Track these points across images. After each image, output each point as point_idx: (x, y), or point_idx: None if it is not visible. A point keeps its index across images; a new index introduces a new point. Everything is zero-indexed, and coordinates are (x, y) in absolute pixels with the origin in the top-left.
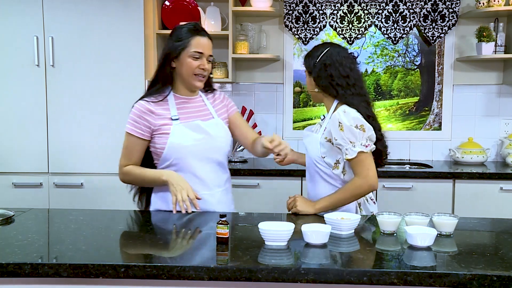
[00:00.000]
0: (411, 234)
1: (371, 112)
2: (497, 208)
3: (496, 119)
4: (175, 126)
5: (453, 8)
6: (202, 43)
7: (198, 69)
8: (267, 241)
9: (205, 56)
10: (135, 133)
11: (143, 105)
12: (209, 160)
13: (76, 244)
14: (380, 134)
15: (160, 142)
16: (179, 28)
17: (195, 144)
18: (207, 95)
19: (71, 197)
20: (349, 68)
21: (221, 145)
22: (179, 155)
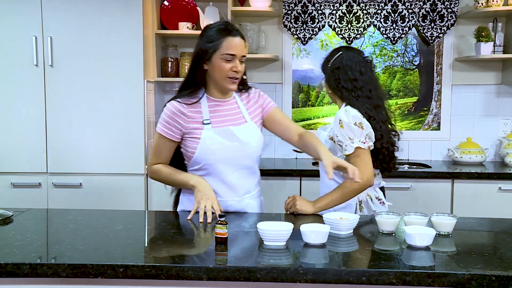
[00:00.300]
0: (409, 234)
1: (373, 113)
2: (496, 208)
3: (495, 119)
4: (206, 131)
5: (452, 8)
6: (234, 44)
7: (231, 71)
8: (266, 241)
9: (237, 58)
10: (166, 134)
11: (175, 106)
12: (239, 167)
13: (74, 244)
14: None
15: (190, 145)
16: (210, 28)
17: (225, 151)
18: (242, 95)
19: (70, 197)
20: (358, 72)
21: (252, 151)
22: (209, 161)
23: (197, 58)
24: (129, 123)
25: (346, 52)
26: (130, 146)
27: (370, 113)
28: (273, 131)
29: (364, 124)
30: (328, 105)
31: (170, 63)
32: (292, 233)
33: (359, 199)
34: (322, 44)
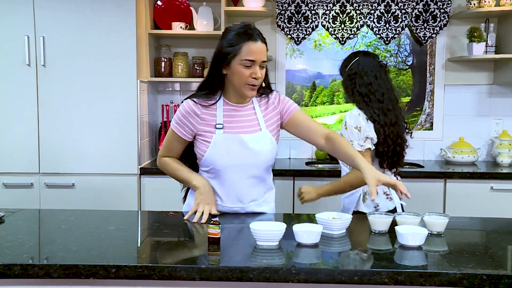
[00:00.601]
0: (402, 234)
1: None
2: (488, 208)
3: (487, 119)
4: (218, 136)
5: (444, 8)
6: (254, 49)
7: (250, 78)
8: (259, 241)
9: (257, 64)
10: (177, 132)
11: (190, 106)
12: (247, 175)
13: (67, 244)
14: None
15: (201, 147)
16: (229, 31)
17: (234, 158)
18: (261, 100)
19: (63, 197)
20: (373, 77)
21: (262, 161)
22: (216, 166)
23: (216, 62)
24: (122, 123)
25: (363, 58)
26: (123, 146)
27: (375, 117)
28: (296, 134)
29: (362, 128)
30: (321, 105)
31: (163, 63)
32: (285, 233)
33: (364, 190)
34: (315, 44)
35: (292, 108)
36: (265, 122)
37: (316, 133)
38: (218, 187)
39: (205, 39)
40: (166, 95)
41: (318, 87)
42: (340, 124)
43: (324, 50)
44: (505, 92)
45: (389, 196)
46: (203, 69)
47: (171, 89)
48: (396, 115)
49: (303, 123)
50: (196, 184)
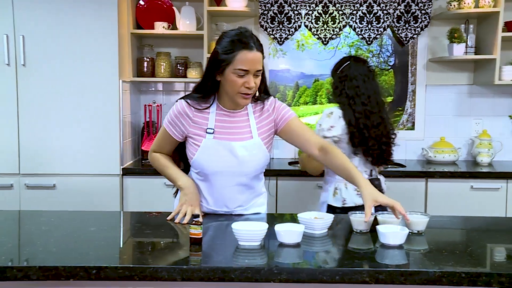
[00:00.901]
0: (383, 233)
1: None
2: (468, 206)
3: (467, 119)
4: (207, 140)
5: (425, 9)
6: (249, 58)
7: (243, 87)
8: (241, 241)
9: (251, 73)
10: (169, 130)
11: (183, 107)
12: (234, 182)
13: (46, 246)
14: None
15: (190, 149)
16: (225, 37)
17: (221, 164)
18: (256, 106)
19: (43, 198)
20: (362, 81)
21: (251, 170)
22: (204, 170)
23: (211, 68)
24: (104, 123)
25: (354, 62)
26: (105, 146)
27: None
28: (290, 142)
29: (323, 126)
30: (304, 105)
31: (146, 63)
32: (267, 233)
33: (335, 186)
34: (298, 44)
35: (288, 116)
36: (257, 129)
37: (311, 142)
38: (205, 190)
39: (188, 39)
40: (148, 95)
41: (301, 87)
42: None
43: (307, 50)
44: (484, 92)
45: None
46: (186, 69)
47: (153, 89)
48: (382, 117)
49: (297, 131)
50: (181, 185)
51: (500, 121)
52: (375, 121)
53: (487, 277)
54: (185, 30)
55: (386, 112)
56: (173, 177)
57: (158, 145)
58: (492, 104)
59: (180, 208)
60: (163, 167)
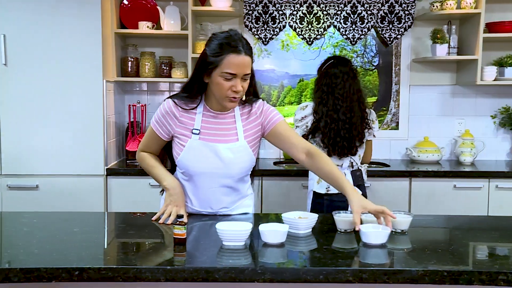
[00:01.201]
0: (365, 233)
1: (327, 114)
2: (451, 205)
3: (450, 119)
4: (193, 141)
5: (409, 10)
6: (236, 62)
7: (230, 91)
8: (225, 241)
9: (238, 77)
10: (155, 130)
11: (170, 107)
12: (219, 184)
13: (28, 247)
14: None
15: (176, 149)
16: (214, 39)
17: (206, 166)
18: (244, 109)
19: (26, 199)
20: (340, 78)
21: (236, 172)
22: (189, 171)
23: (198, 69)
24: (87, 123)
25: (337, 61)
26: (89, 146)
27: (321, 113)
28: (277, 146)
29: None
30: (289, 105)
31: (130, 63)
32: (252, 233)
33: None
34: (283, 45)
35: (275, 119)
36: (244, 132)
37: (297, 147)
38: (190, 191)
39: (172, 38)
40: (133, 95)
41: (286, 87)
42: None
43: (291, 50)
44: (467, 93)
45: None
46: (170, 69)
47: (138, 89)
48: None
49: (283, 135)
50: (166, 185)
51: (482, 121)
52: (341, 116)
53: (468, 275)
54: (170, 30)
55: (361, 110)
56: (159, 177)
57: (146, 145)
58: (474, 104)
59: (165, 209)
60: (149, 167)
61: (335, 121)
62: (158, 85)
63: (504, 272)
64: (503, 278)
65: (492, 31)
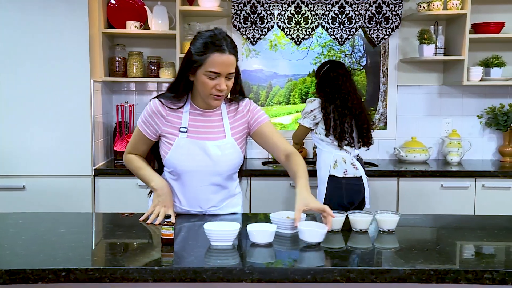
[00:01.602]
0: (301, 230)
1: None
2: (438, 205)
3: (438, 119)
4: (180, 139)
5: (396, 11)
6: (220, 61)
7: (214, 89)
8: (213, 241)
9: (223, 76)
10: (142, 130)
11: (157, 107)
12: (207, 182)
13: (14, 249)
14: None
15: (164, 148)
16: (199, 37)
17: (194, 164)
18: (230, 106)
19: (12, 200)
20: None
21: (224, 169)
22: (177, 169)
23: (184, 68)
24: (75, 124)
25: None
26: (77, 147)
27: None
28: (261, 145)
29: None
30: (277, 105)
31: (118, 63)
32: (240, 233)
33: (334, 159)
34: (271, 45)
35: (261, 120)
36: (231, 129)
37: (279, 149)
38: (178, 190)
39: (160, 38)
40: (121, 95)
41: (274, 87)
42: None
43: (280, 50)
44: (454, 93)
45: (355, 166)
46: (158, 69)
47: (126, 89)
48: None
49: (268, 137)
50: (154, 186)
51: (469, 121)
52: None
53: (454, 274)
54: (157, 29)
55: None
56: (146, 178)
57: (133, 146)
58: (461, 104)
59: (153, 209)
60: (137, 168)
61: (344, 116)
62: (146, 85)
63: (489, 270)
64: (488, 276)
65: (478, 32)
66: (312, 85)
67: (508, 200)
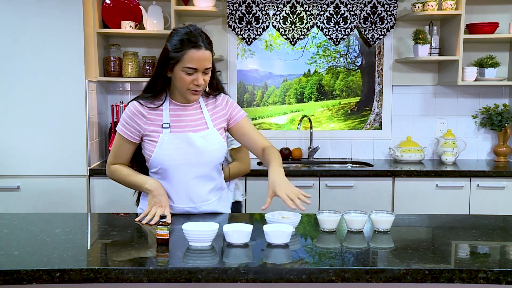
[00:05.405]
0: (266, 232)
1: None
2: (433, 204)
3: (433, 119)
4: (164, 135)
5: (391, 11)
6: (196, 57)
7: (192, 84)
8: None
9: (200, 71)
10: (124, 135)
11: (136, 107)
12: (195, 174)
13: (8, 249)
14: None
15: (148, 148)
16: (175, 34)
17: (181, 157)
18: (208, 100)
19: (7, 200)
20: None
21: (210, 159)
22: (164, 165)
23: (161, 65)
24: (69, 124)
25: None
26: (72, 147)
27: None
28: (239, 141)
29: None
30: (273, 105)
31: (112, 63)
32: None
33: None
34: (266, 45)
35: (239, 115)
36: (212, 121)
37: (256, 144)
38: (168, 188)
39: (155, 38)
40: (116, 95)
41: (269, 87)
42: (291, 124)
43: (275, 50)
44: (448, 93)
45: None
46: (153, 69)
47: (121, 89)
48: None
49: (246, 132)
50: (148, 187)
51: (464, 121)
52: None
53: (449, 274)
54: (153, 29)
55: None
56: (138, 182)
57: (115, 155)
58: (456, 104)
59: (149, 210)
60: (125, 176)
61: None
62: (141, 85)
63: (483, 270)
64: (483, 276)
65: (472, 32)
66: (307, 85)
67: (503, 199)
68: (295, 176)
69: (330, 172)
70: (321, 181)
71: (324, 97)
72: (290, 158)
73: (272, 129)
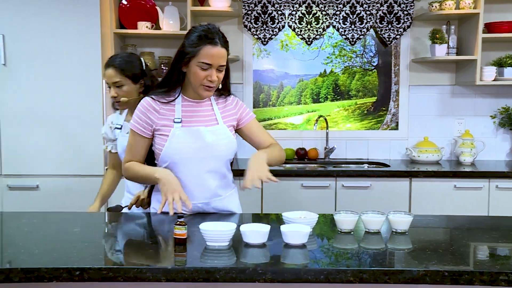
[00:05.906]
0: (284, 232)
1: None
2: (451, 205)
3: (450, 119)
4: (176, 129)
5: (407, 10)
6: (212, 53)
7: (206, 80)
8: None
9: (214, 67)
10: (137, 130)
11: (149, 103)
12: (206, 169)
13: (28, 248)
14: None
15: (159, 142)
16: (193, 31)
17: (191, 151)
18: (219, 99)
19: (26, 199)
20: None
21: (220, 154)
22: (174, 160)
23: (177, 60)
24: (87, 123)
25: None
26: (89, 147)
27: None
28: (247, 141)
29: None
30: (288, 105)
31: None
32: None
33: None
34: (282, 45)
35: (248, 117)
36: (222, 118)
37: (265, 144)
38: None
39: (171, 39)
40: None
41: (285, 87)
42: (307, 124)
43: (291, 50)
44: (466, 93)
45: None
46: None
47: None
48: None
49: (254, 134)
50: (157, 176)
51: (482, 121)
52: None
53: (469, 276)
54: (169, 30)
55: None
56: (148, 173)
57: (130, 152)
58: (474, 104)
59: (166, 198)
60: (137, 171)
61: None
62: None
63: (505, 272)
64: (504, 278)
65: (491, 31)
66: (323, 85)
67: None
68: (311, 176)
69: (346, 172)
70: (338, 182)
71: (340, 97)
72: (306, 158)
73: (288, 129)
